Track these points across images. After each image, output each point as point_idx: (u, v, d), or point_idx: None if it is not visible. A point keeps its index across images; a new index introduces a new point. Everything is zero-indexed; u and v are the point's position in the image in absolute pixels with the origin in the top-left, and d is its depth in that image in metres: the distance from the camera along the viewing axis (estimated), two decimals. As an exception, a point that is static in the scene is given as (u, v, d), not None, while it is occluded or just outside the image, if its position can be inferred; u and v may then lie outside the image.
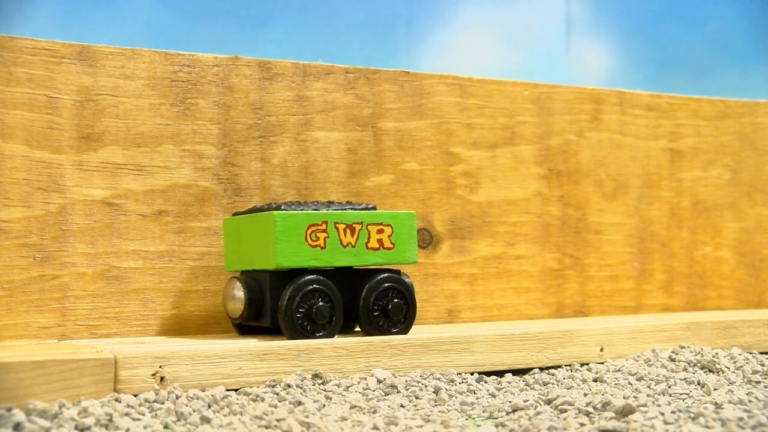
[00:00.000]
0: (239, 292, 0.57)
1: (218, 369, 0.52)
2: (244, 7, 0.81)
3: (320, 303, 0.56)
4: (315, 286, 0.56)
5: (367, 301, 0.58)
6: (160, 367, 0.51)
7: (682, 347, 0.66)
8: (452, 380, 0.55)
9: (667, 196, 0.82)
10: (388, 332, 0.58)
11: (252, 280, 0.58)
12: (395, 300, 0.59)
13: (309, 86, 0.67)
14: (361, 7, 0.81)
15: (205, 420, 0.44)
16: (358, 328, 0.61)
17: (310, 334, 0.56)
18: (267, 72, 0.66)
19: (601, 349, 0.64)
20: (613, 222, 0.79)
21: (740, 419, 0.44)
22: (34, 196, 0.59)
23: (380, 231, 0.59)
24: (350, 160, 0.68)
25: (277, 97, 0.66)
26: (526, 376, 0.59)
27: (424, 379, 0.55)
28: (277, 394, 0.51)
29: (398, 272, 0.60)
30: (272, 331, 0.58)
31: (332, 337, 0.56)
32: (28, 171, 0.59)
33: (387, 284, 0.59)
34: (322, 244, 0.57)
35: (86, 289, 0.60)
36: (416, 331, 0.60)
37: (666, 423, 0.43)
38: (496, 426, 0.44)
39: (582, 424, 0.43)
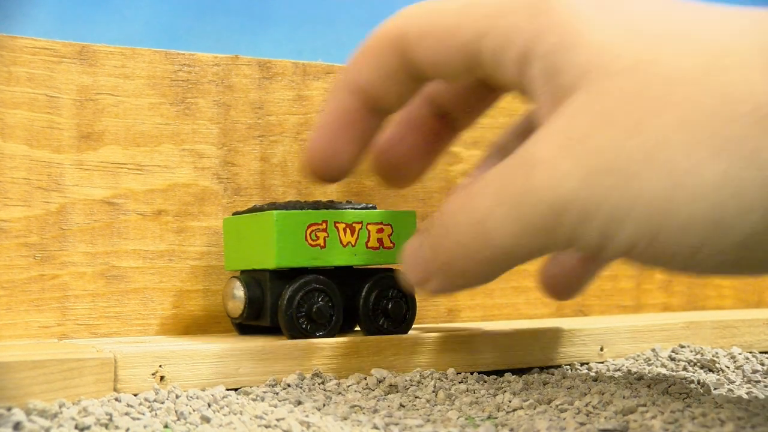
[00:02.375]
0: (239, 292, 0.57)
1: (218, 369, 0.52)
2: (244, 6, 0.81)
3: (320, 302, 0.56)
4: (315, 285, 0.56)
5: (367, 301, 0.58)
6: (160, 366, 0.51)
7: (682, 347, 0.66)
8: (452, 380, 0.55)
9: (667, 196, 0.82)
10: (388, 332, 0.58)
11: (252, 279, 0.57)
12: (395, 299, 0.59)
13: (309, 86, 0.67)
14: (361, 7, 0.81)
15: (205, 419, 0.44)
16: (358, 328, 0.61)
17: (310, 334, 0.56)
18: (267, 72, 0.66)
19: (601, 349, 0.64)
20: (613, 222, 0.79)
21: (740, 419, 0.44)
22: (34, 196, 0.59)
23: (380, 230, 0.58)
24: (350, 160, 0.68)
25: (277, 97, 0.66)
26: (526, 376, 0.59)
27: (424, 378, 0.55)
28: (277, 393, 0.51)
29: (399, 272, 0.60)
30: (272, 330, 0.58)
31: (332, 336, 0.56)
32: (28, 170, 0.59)
33: (387, 283, 0.59)
34: (322, 244, 0.57)
35: (86, 288, 0.60)
36: (416, 331, 0.60)
37: (666, 423, 0.44)
38: (496, 426, 0.44)
39: (582, 424, 0.43)
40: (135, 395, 0.48)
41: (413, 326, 0.61)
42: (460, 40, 0.48)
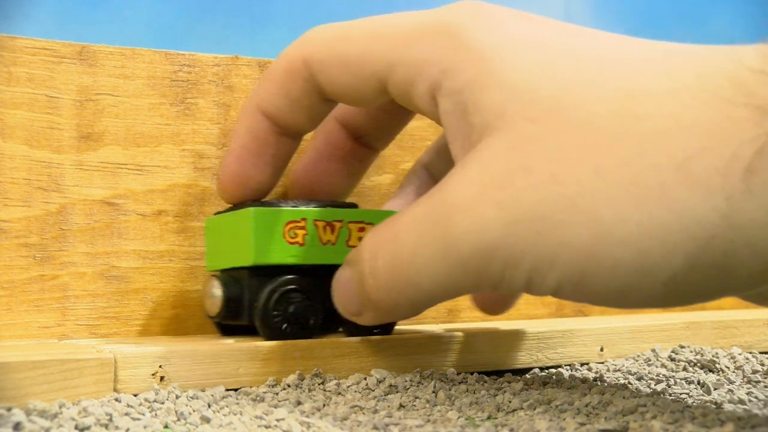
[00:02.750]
0: (217, 290, 0.56)
1: (218, 369, 0.52)
2: (244, 6, 0.81)
3: (298, 303, 0.55)
4: (293, 285, 0.56)
5: None
6: (160, 366, 0.51)
7: (682, 347, 0.66)
8: (452, 380, 0.55)
9: (667, 196, 0.82)
10: (369, 332, 0.57)
11: (231, 278, 0.57)
12: None
13: (309, 86, 0.67)
14: (361, 7, 0.80)
15: (205, 420, 0.44)
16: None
17: (287, 335, 0.55)
18: (267, 72, 0.66)
19: (601, 349, 0.64)
20: (613, 222, 0.79)
21: (740, 419, 0.44)
22: (34, 196, 0.59)
23: (361, 229, 0.57)
24: (350, 160, 0.68)
25: (277, 97, 0.66)
26: (526, 376, 0.59)
27: (424, 379, 0.55)
28: (277, 394, 0.51)
29: None
30: (252, 330, 0.57)
31: (312, 337, 0.56)
32: (28, 171, 0.59)
33: None
34: (301, 241, 0.56)
35: (86, 288, 0.60)
36: (416, 331, 0.60)
37: (666, 423, 0.44)
38: (496, 426, 0.44)
39: (582, 424, 0.43)
40: (135, 395, 0.48)
41: (413, 326, 0.61)
42: (367, 70, 0.48)
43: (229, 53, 0.66)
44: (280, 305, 0.55)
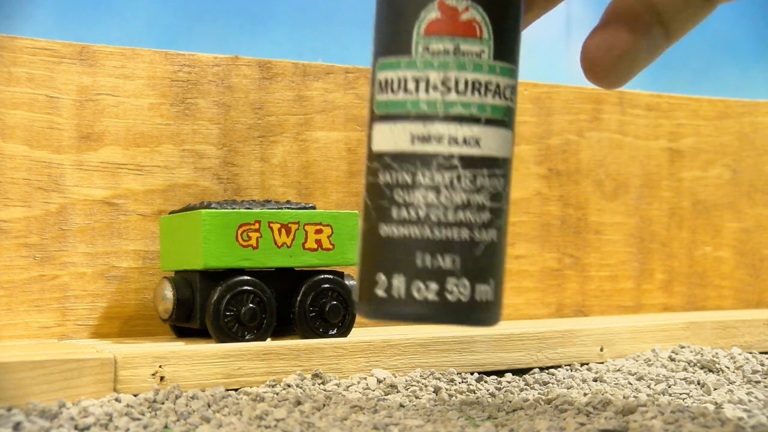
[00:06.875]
0: (168, 293, 0.56)
1: (218, 369, 0.52)
2: (244, 6, 0.81)
3: (250, 305, 0.55)
4: (245, 287, 0.55)
5: (303, 303, 0.57)
6: (160, 366, 0.51)
7: (682, 347, 0.66)
8: (452, 380, 0.55)
9: (667, 196, 0.82)
10: (324, 335, 0.57)
11: (183, 280, 0.57)
12: (333, 302, 0.57)
13: (309, 86, 0.67)
14: (361, 7, 0.80)
15: (205, 420, 0.44)
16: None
17: (239, 337, 0.55)
18: (267, 72, 0.66)
19: (601, 349, 0.64)
20: (613, 222, 0.79)
21: (740, 419, 0.44)
22: (34, 196, 0.59)
23: (319, 231, 0.57)
24: (350, 160, 0.68)
25: (277, 97, 0.66)
26: (526, 376, 0.59)
27: (424, 378, 0.55)
28: (277, 394, 0.51)
29: (341, 274, 0.58)
30: (203, 332, 0.57)
31: (263, 340, 0.55)
32: (28, 171, 0.59)
33: (325, 285, 0.57)
34: (254, 244, 0.56)
35: (86, 288, 0.60)
36: (416, 331, 0.60)
37: (666, 423, 0.44)
38: (496, 426, 0.44)
39: (582, 424, 0.43)
40: (135, 396, 0.48)
41: (413, 326, 0.61)
42: None
43: (230, 54, 0.66)
44: (231, 307, 0.55)
